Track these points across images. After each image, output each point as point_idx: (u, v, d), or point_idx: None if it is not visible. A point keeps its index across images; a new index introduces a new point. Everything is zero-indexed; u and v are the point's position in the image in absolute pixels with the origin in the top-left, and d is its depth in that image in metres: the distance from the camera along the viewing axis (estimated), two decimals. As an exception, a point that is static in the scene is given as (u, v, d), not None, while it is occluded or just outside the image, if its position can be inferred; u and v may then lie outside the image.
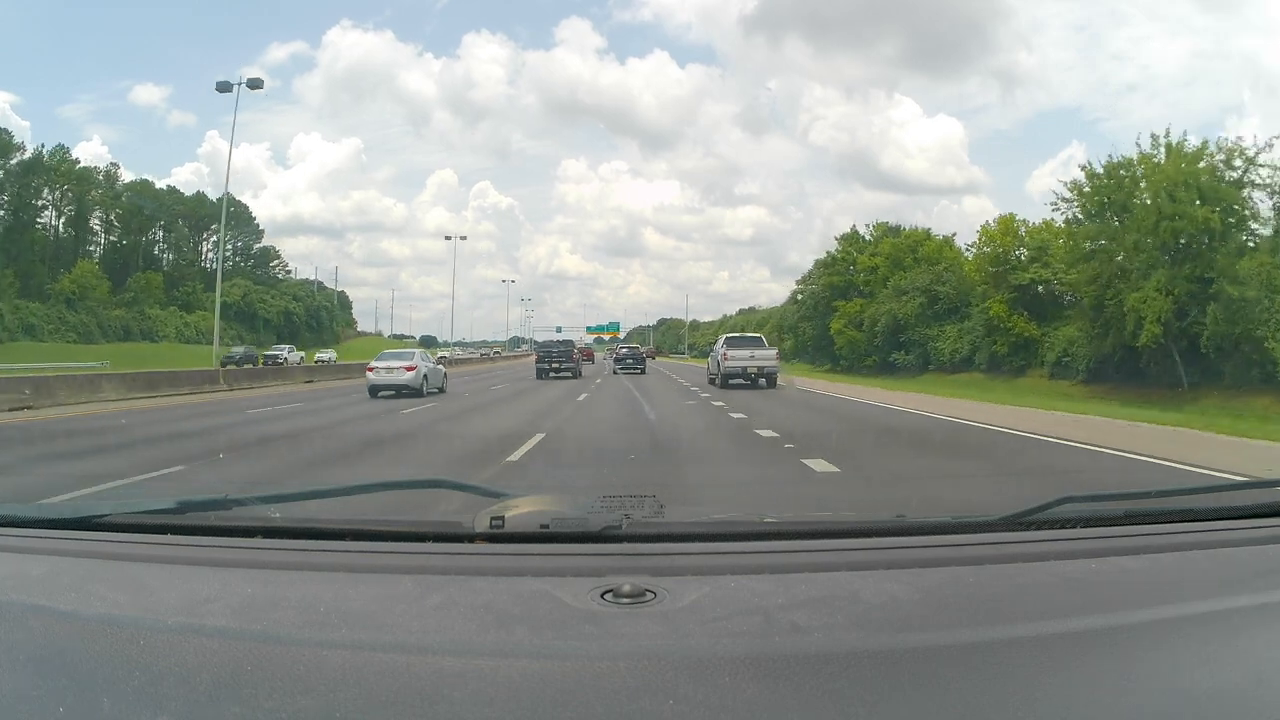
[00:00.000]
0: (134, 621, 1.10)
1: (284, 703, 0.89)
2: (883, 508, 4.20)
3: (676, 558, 1.33)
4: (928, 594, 1.21)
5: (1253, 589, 1.23)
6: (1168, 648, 1.05)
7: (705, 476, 8.24)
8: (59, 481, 7.03)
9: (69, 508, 1.74)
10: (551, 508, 1.47)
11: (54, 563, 1.38)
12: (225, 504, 1.67)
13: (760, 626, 1.06)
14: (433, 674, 0.95)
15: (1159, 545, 1.43)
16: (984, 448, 11.02)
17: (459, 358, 70.52)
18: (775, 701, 0.89)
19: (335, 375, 38.31)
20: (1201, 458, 9.18)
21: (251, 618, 1.11)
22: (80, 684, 0.95)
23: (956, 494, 6.89)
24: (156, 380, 24.18)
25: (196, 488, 7.41)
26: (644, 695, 0.90)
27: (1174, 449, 10.04)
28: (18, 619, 1.12)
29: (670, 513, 1.53)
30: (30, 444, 11.95)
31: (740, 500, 6.73)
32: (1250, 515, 1.62)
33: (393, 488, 2.35)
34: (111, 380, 22.57)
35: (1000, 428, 13.02)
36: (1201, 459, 9.06)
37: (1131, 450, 9.93)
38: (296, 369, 40.83)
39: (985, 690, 0.94)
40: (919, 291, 50.95)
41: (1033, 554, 1.39)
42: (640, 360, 46.10)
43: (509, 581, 1.23)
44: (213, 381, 26.99)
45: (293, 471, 8.70)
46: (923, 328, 49.68)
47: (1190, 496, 1.88)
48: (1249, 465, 8.72)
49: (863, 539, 1.45)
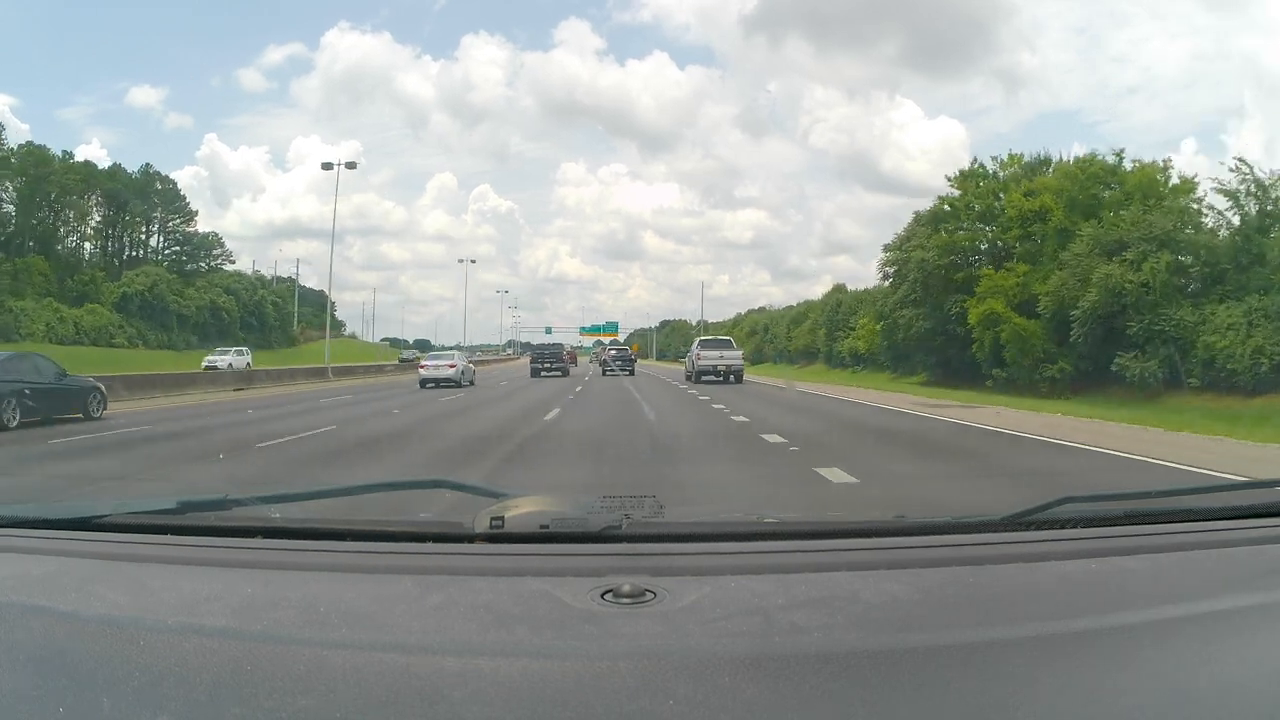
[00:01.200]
0: (134, 622, 1.10)
1: (284, 703, 0.89)
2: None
3: (676, 558, 1.33)
4: (928, 594, 1.21)
5: (1253, 589, 1.23)
6: (1168, 648, 1.05)
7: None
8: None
9: (69, 508, 1.74)
10: (551, 508, 1.47)
11: (54, 563, 1.38)
12: (225, 504, 1.67)
13: (760, 626, 1.06)
14: (433, 674, 0.95)
15: (1159, 545, 1.43)
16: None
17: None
18: (775, 701, 0.89)
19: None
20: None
21: (252, 618, 1.11)
22: (80, 684, 0.95)
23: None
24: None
25: (198, 487, 7.41)
26: (644, 695, 0.90)
27: None
28: (18, 619, 1.12)
29: (670, 513, 1.54)
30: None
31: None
32: (1250, 515, 1.62)
33: (393, 488, 2.35)
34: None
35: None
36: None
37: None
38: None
39: (985, 690, 0.94)
40: (1153, 246, 28.16)
41: (1033, 554, 1.39)
42: (630, 361, 46.27)
43: (509, 581, 1.23)
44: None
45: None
46: (1171, 309, 27.34)
47: (1191, 496, 1.88)
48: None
49: (863, 539, 1.45)
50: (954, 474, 9.15)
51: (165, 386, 25.94)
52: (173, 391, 25.44)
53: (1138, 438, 12.53)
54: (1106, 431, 13.48)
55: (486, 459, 10.15)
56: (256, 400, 23.95)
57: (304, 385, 32.23)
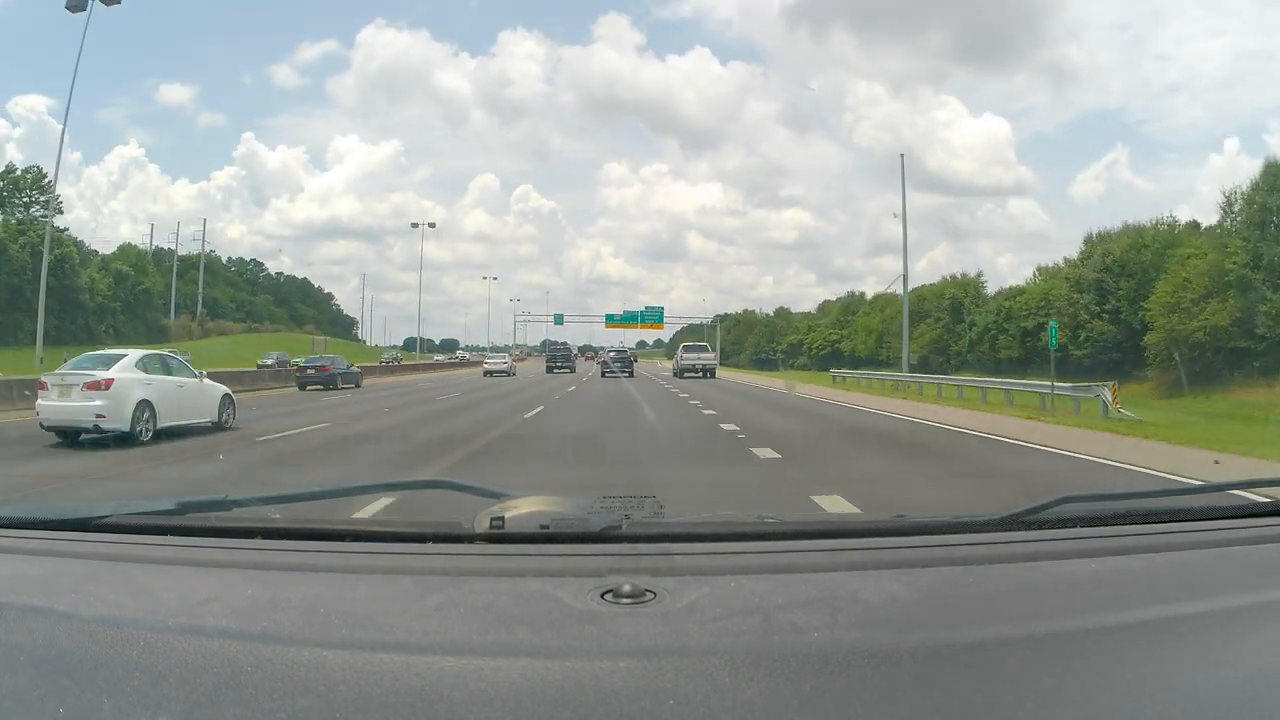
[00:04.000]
0: (134, 622, 1.10)
1: (284, 703, 0.89)
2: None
3: (676, 558, 1.33)
4: (928, 594, 1.21)
5: (1253, 588, 1.23)
6: (1168, 647, 1.05)
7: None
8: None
9: (69, 508, 1.74)
10: (551, 508, 1.48)
11: (54, 563, 1.38)
12: (225, 504, 1.67)
13: (760, 626, 1.06)
14: (432, 674, 0.95)
15: (1159, 545, 1.43)
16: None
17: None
18: (775, 701, 0.89)
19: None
20: None
21: (252, 618, 1.11)
22: (80, 685, 0.95)
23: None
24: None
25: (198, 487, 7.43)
26: (644, 695, 0.90)
27: None
28: (17, 620, 1.12)
29: (670, 513, 1.54)
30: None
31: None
32: (1250, 515, 1.63)
33: (393, 488, 2.36)
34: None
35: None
36: None
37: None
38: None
39: (985, 690, 0.94)
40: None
41: (1033, 554, 1.39)
42: (629, 364, 47.03)
43: (509, 582, 1.23)
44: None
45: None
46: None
47: (1190, 496, 1.89)
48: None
49: (863, 539, 1.45)
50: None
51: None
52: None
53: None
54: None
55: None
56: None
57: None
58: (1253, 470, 9.57)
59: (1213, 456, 11.02)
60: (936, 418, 18.25)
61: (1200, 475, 8.94)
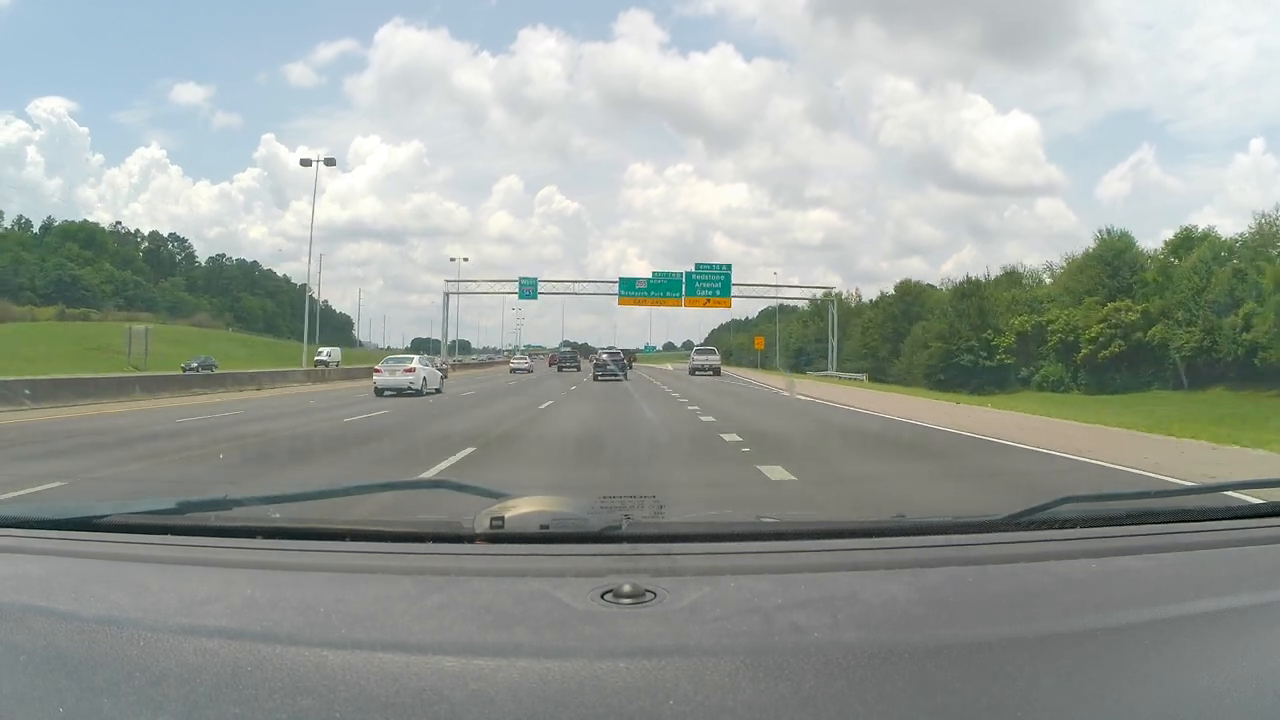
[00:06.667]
0: (134, 622, 1.09)
1: (284, 703, 0.89)
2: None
3: (676, 558, 1.33)
4: (928, 594, 1.21)
5: (1254, 588, 1.23)
6: (1169, 647, 1.05)
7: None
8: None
9: (69, 508, 1.74)
10: (551, 508, 1.48)
11: (53, 563, 1.38)
12: (225, 504, 1.67)
13: (760, 627, 1.06)
14: (432, 674, 0.95)
15: (1160, 545, 1.43)
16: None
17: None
18: (775, 701, 0.89)
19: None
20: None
21: (252, 618, 1.11)
22: (80, 685, 0.95)
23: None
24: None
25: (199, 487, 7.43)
26: (644, 695, 0.90)
27: None
28: (17, 620, 1.12)
29: (670, 513, 1.54)
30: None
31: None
32: (1251, 515, 1.62)
33: (393, 488, 2.36)
34: None
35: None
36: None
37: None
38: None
39: (985, 690, 0.94)
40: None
41: (1033, 554, 1.39)
42: (623, 366, 45.14)
43: (509, 582, 1.23)
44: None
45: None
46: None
47: (1191, 496, 1.89)
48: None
49: (863, 539, 1.45)
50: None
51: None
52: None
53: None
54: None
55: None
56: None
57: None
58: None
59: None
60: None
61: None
